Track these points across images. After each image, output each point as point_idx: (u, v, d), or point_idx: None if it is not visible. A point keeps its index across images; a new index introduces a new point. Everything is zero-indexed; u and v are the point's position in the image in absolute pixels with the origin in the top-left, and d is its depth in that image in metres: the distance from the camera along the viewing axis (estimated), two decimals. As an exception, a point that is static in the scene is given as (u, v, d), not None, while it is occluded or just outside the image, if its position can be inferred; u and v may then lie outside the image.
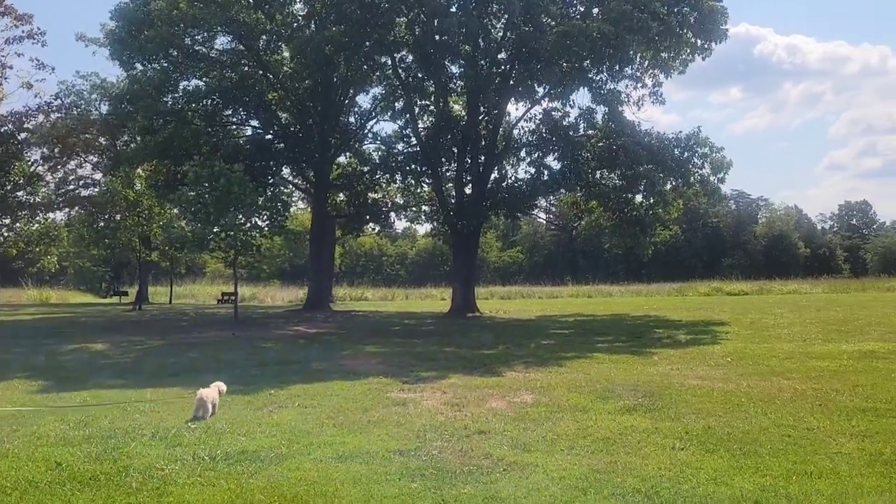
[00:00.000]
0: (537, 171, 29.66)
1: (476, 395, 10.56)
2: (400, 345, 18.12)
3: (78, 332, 22.53)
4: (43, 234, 40.02)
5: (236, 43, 32.30)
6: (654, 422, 8.64)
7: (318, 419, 8.87)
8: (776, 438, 7.83)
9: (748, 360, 14.11)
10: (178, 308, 40.71)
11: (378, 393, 10.83)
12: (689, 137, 27.29)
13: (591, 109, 29.86)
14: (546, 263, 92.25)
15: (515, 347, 17.37)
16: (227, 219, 24.49)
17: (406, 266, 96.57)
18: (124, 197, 35.85)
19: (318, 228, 35.37)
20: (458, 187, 31.50)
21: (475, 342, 18.62)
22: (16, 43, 24.12)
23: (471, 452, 7.29)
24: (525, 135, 30.93)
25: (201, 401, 9.01)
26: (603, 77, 26.88)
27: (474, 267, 32.56)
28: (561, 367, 13.57)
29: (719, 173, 27.29)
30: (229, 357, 15.15)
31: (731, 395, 10.38)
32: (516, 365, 13.93)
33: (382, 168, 34.60)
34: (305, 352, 16.59)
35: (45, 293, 54.89)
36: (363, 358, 15.27)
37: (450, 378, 12.37)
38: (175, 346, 17.92)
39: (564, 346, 17.50)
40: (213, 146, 29.14)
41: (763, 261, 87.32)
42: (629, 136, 26.73)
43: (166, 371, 13.22)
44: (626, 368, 13.34)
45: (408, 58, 31.01)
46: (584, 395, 10.42)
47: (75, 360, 14.98)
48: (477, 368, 13.50)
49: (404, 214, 40.13)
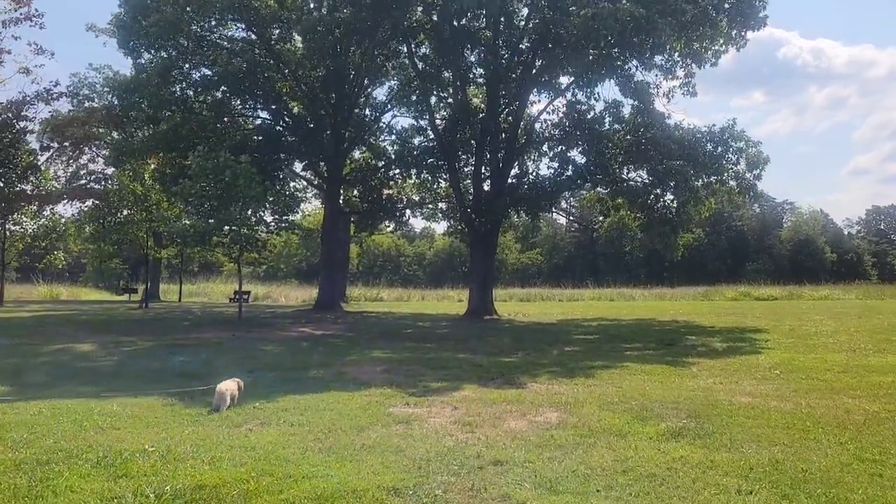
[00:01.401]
0: (560, 165, 27.99)
1: (492, 412, 9.08)
2: (410, 350, 16.65)
3: (70, 330, 21.27)
4: (49, 230, 38.96)
5: (248, 32, 31.05)
6: (708, 452, 7.12)
7: (302, 442, 7.43)
8: (864, 479, 6.30)
9: (799, 374, 12.51)
10: (185, 306, 39.51)
11: (378, 407, 9.38)
12: (724, 131, 25.52)
13: (618, 103, 28.28)
14: (566, 266, 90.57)
15: (536, 354, 15.85)
16: (229, 213, 23.18)
17: (424, 266, 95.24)
18: (132, 191, 34.73)
19: (330, 225, 33.95)
20: (477, 183, 29.92)
21: (492, 348, 17.12)
22: (13, 25, 22.86)
23: (484, 492, 5.82)
24: (547, 128, 29.32)
25: (220, 393, 9.19)
26: (632, 66, 25.19)
27: (492, 267, 30.94)
28: (589, 378, 12.05)
29: (755, 169, 25.50)
30: (221, 361, 13.74)
31: (792, 417, 8.82)
32: (538, 375, 12.43)
33: (397, 163, 33.13)
34: (306, 356, 15.16)
35: (56, 290, 54.08)
36: (368, 364, 13.82)
37: (462, 390, 10.90)
38: (166, 348, 16.56)
39: (591, 353, 15.94)
40: (219, 136, 27.79)
41: (788, 266, 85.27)
42: (659, 129, 25.06)
43: (145, 377, 11.83)
44: (663, 381, 11.80)
45: (424, 46, 29.49)
46: (619, 415, 8.90)
47: (52, 362, 13.67)
48: (494, 379, 12.01)
49: (420, 212, 38.59)
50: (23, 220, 38.28)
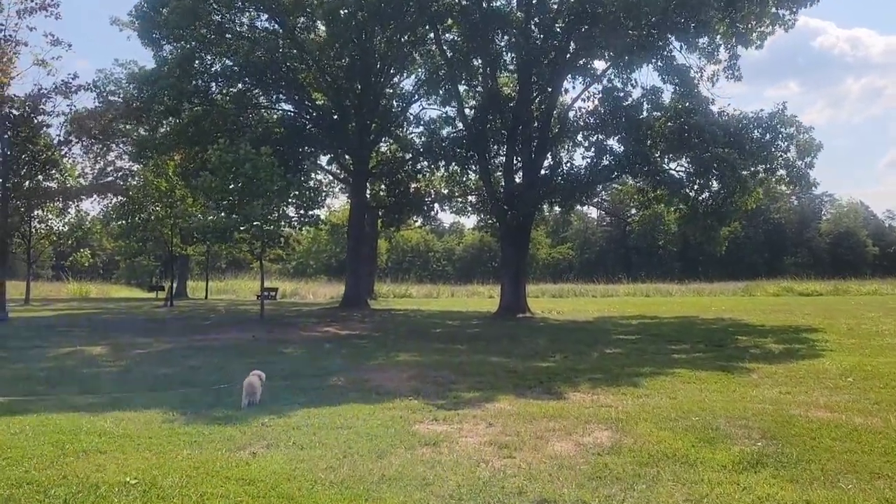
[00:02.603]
0: (597, 155, 26.51)
1: (533, 431, 7.90)
2: (439, 352, 15.50)
3: (87, 331, 20.49)
4: (75, 228, 38.49)
5: (271, 22, 30.12)
6: (800, 489, 5.87)
7: (311, 471, 6.31)
8: None
9: (876, 381, 11.12)
10: (211, 304, 38.82)
11: (402, 424, 8.25)
12: (772, 116, 23.87)
13: (657, 89, 26.77)
14: (597, 260, 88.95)
15: (576, 357, 14.61)
16: (252, 207, 22.25)
17: (453, 262, 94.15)
18: (156, 187, 34.09)
19: (357, 220, 32.93)
20: (508, 174, 28.56)
21: (527, 350, 15.90)
22: (28, 15, 22.08)
23: (531, 548, 4.65)
24: (582, 116, 27.84)
25: (250, 385, 9.19)
26: (673, 48, 23.66)
27: (525, 262, 29.53)
28: (637, 387, 10.80)
29: (807, 157, 23.88)
30: (235, 366, 12.66)
31: (885, 438, 7.52)
32: (581, 383, 11.20)
33: (425, 155, 31.91)
34: (328, 360, 14.07)
35: (85, 287, 53.94)
36: (393, 370, 12.69)
37: (498, 401, 9.73)
38: (181, 350, 15.62)
39: (635, 356, 14.64)
40: (241, 129, 26.82)
41: (828, 259, 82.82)
42: (702, 115, 23.53)
43: (150, 385, 10.84)
44: (722, 391, 10.51)
45: (452, 31, 28.14)
46: (680, 435, 7.66)
47: (56, 367, 12.75)
48: (532, 387, 10.82)
49: (449, 205, 37.39)
50: (48, 218, 37.88)
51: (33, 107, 23.09)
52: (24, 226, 34.53)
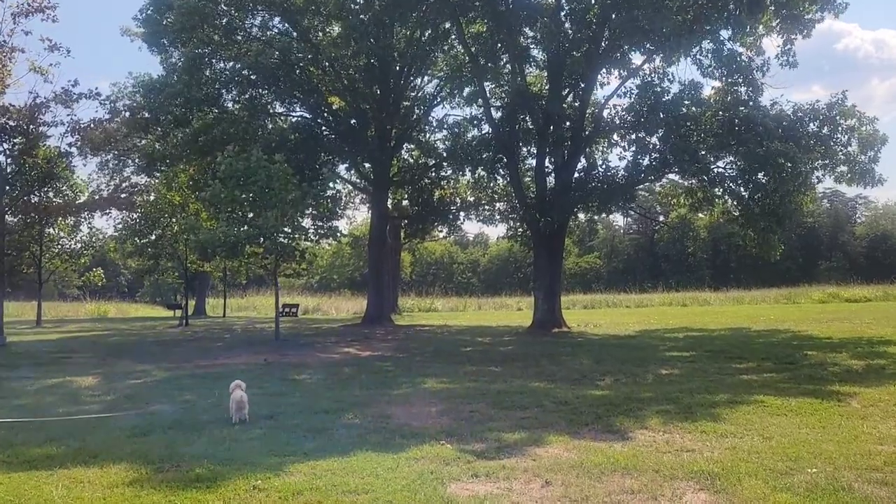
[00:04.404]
0: (637, 153, 24.43)
1: (605, 493, 6.02)
2: (472, 376, 13.58)
3: (87, 357, 18.86)
4: (86, 246, 37.16)
5: (283, 24, 28.61)
6: None
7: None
8: None
9: None
10: (228, 323, 37.24)
11: (433, 483, 6.40)
12: (831, 107, 21.78)
13: (696, 84, 24.65)
14: (626, 269, 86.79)
15: (628, 380, 12.64)
16: (266, 218, 20.60)
17: (478, 273, 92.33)
18: (168, 201, 32.65)
19: (378, 232, 31.17)
20: (540, 178, 26.51)
21: (572, 372, 13.92)
22: (24, 18, 20.68)
23: None
24: (617, 113, 25.80)
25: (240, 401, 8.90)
26: (722, 33, 21.60)
27: (559, 273, 27.37)
28: (717, 421, 8.84)
29: (871, 150, 21.71)
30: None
31: None
32: (647, 417, 9.25)
33: (450, 160, 30.06)
34: (345, 389, 12.21)
35: (103, 307, 52.75)
36: (419, 401, 10.81)
37: (549, 444, 7.85)
38: (180, 379, 13.87)
39: (698, 379, 12.59)
40: (253, 136, 25.19)
41: (865, 263, 79.74)
42: (753, 107, 21.46)
43: (130, 427, 9.03)
44: (825, 426, 8.51)
45: (475, 24, 26.24)
46: (802, 499, 5.72)
47: (32, 405, 11.01)
48: (589, 424, 8.89)
49: (475, 214, 35.46)
50: (60, 237, 36.63)
51: (31, 117, 21.65)
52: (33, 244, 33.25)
